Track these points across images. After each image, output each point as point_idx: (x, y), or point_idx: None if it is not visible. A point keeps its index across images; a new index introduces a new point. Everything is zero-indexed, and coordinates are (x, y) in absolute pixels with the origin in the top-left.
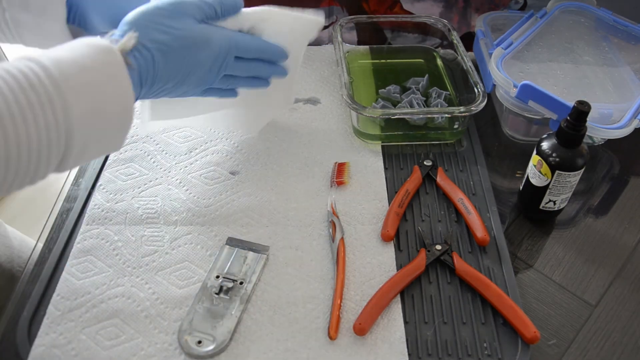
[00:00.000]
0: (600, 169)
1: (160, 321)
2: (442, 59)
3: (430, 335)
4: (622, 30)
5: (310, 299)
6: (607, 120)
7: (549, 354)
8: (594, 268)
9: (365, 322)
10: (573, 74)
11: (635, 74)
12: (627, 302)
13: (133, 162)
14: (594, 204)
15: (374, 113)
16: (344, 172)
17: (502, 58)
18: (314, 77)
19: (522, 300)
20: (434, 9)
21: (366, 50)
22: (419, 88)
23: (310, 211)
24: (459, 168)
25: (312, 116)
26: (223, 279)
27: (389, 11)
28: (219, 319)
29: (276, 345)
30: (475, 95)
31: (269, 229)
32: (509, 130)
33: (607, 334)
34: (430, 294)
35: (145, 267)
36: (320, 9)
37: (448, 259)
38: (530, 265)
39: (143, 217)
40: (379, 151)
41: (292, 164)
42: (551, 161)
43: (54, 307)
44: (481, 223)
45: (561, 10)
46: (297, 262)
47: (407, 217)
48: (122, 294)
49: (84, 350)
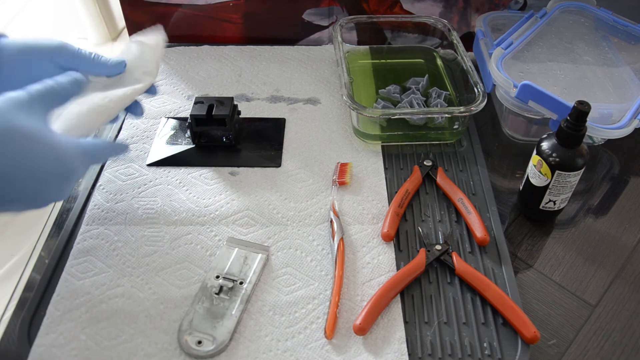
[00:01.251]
0: (600, 169)
1: (160, 321)
2: (442, 59)
3: (430, 335)
4: (622, 30)
5: (310, 299)
6: (607, 120)
7: (549, 354)
8: (594, 268)
9: (365, 322)
10: (573, 74)
11: (635, 74)
12: (627, 302)
13: (133, 162)
14: (594, 204)
15: (374, 113)
16: (346, 172)
17: (502, 58)
18: (314, 77)
19: (522, 300)
20: (434, 9)
21: (366, 50)
22: (419, 88)
23: (310, 211)
24: (459, 168)
25: (312, 116)
26: (223, 279)
27: (389, 11)
28: (219, 319)
29: (276, 345)
30: (475, 95)
31: (269, 229)
32: (509, 130)
33: (607, 334)
34: (430, 294)
35: (145, 267)
36: (321, 8)
37: (448, 259)
38: (530, 265)
39: (143, 217)
40: (379, 151)
41: (292, 164)
42: (551, 161)
43: (54, 307)
44: (481, 223)
45: (561, 10)
46: (297, 262)
47: (407, 217)
48: (122, 294)
49: (84, 351)
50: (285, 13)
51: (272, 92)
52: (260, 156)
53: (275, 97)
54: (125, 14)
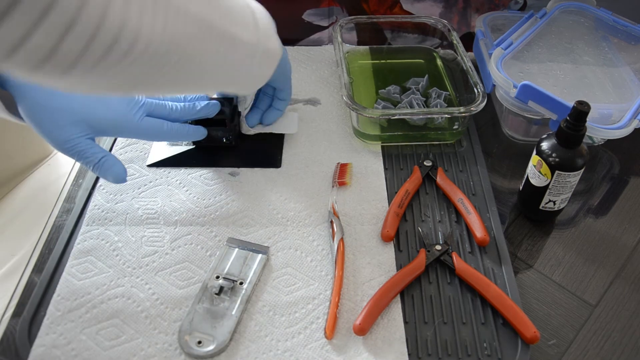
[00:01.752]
0: (600, 169)
1: (160, 321)
2: (442, 59)
3: (430, 335)
4: (622, 30)
5: (310, 299)
6: (607, 120)
7: (549, 354)
8: (594, 268)
9: (365, 322)
10: (573, 74)
11: (635, 74)
12: (627, 302)
13: (133, 163)
14: (594, 204)
15: (373, 114)
16: (346, 172)
17: (502, 58)
18: (314, 77)
19: (522, 300)
20: (434, 9)
21: (366, 50)
22: (418, 88)
23: (310, 211)
24: (459, 168)
25: (312, 116)
26: (223, 279)
27: (389, 11)
28: (219, 319)
29: (276, 345)
30: (475, 96)
31: (269, 229)
32: (508, 130)
33: (607, 334)
34: (430, 294)
35: (145, 267)
36: (321, 8)
37: (448, 259)
38: (530, 265)
39: (143, 218)
40: (379, 151)
41: (292, 164)
42: (551, 161)
43: (54, 307)
44: (481, 223)
45: (561, 10)
46: (297, 262)
47: (407, 218)
48: (122, 295)
49: (84, 351)
50: (285, 13)
51: None
52: (260, 157)
53: None
54: None
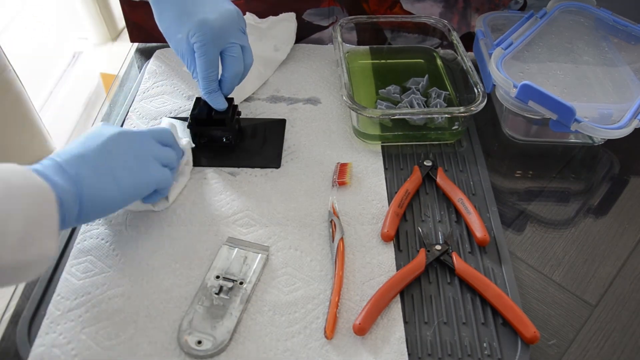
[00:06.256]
0: (600, 169)
1: (160, 321)
2: (442, 59)
3: (430, 336)
4: (622, 30)
5: (310, 299)
6: (607, 120)
7: (549, 354)
8: (594, 268)
9: (365, 322)
10: (573, 74)
11: (635, 74)
12: (627, 302)
13: None
14: (594, 204)
15: (373, 113)
16: (346, 172)
17: (502, 58)
18: (314, 77)
19: (522, 300)
20: (434, 9)
21: (366, 50)
22: (419, 88)
23: (310, 211)
24: (459, 168)
25: (312, 116)
26: (223, 279)
27: (389, 11)
28: (218, 319)
29: (276, 345)
30: (475, 96)
31: (269, 229)
32: (509, 130)
33: (607, 334)
34: (430, 294)
35: (145, 267)
36: (321, 8)
37: (448, 259)
38: (530, 265)
39: (143, 218)
40: (379, 151)
41: (292, 164)
42: None
43: (54, 307)
44: (481, 223)
45: (561, 10)
46: (297, 262)
47: (407, 217)
48: (122, 294)
49: (84, 350)
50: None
51: (272, 92)
52: (260, 156)
53: (275, 97)
54: (125, 14)
